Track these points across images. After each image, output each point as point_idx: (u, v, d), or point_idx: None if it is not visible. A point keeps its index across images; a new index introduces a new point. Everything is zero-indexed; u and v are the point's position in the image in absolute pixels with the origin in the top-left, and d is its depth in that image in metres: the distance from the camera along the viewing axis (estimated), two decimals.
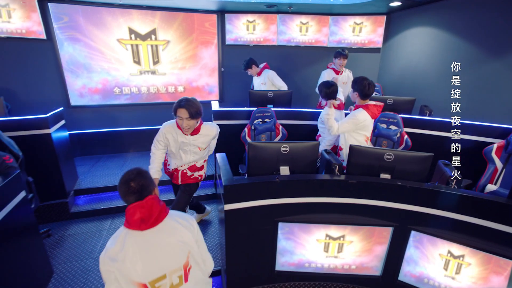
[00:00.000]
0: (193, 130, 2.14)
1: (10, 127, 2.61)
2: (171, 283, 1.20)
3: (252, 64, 3.81)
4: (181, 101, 1.97)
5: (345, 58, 3.67)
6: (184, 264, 1.22)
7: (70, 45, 3.85)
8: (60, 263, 2.42)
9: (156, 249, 1.15)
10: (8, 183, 1.82)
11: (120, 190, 1.17)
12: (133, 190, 1.14)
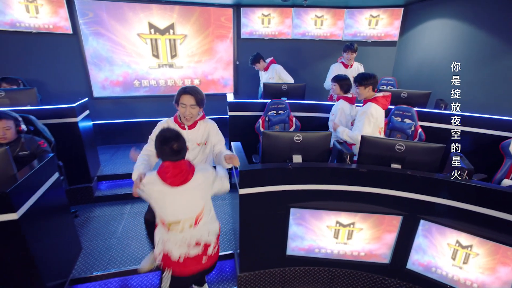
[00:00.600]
0: (192, 123, 1.97)
1: (42, 115, 2.82)
2: (182, 228, 1.47)
3: (259, 58, 3.88)
4: (186, 88, 1.87)
5: (354, 52, 3.70)
6: (197, 215, 1.49)
7: (94, 40, 4.05)
8: (87, 241, 2.62)
9: (176, 201, 1.42)
10: (44, 164, 1.99)
11: (160, 148, 1.35)
12: (173, 152, 1.34)
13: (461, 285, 1.82)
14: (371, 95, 2.53)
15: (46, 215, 1.97)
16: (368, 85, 2.48)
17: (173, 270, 1.54)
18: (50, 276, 1.87)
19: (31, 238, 1.68)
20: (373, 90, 2.53)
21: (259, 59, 3.88)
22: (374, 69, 5.07)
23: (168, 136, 1.36)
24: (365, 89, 2.49)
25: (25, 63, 3.87)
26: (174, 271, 1.55)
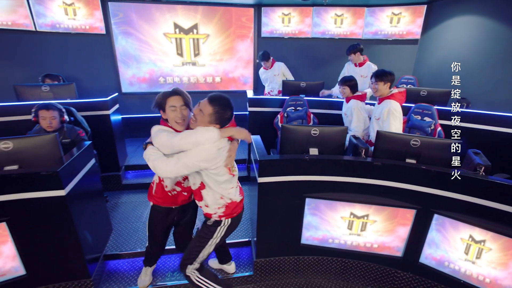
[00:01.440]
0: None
1: (80, 108, 3.09)
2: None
3: (269, 56, 4.00)
4: (173, 90, 1.67)
5: (352, 53, 3.71)
6: None
7: (123, 39, 4.34)
8: (116, 223, 2.86)
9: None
10: (84, 151, 2.22)
11: (226, 112, 1.54)
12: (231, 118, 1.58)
13: (473, 279, 1.84)
14: (388, 92, 2.57)
15: (85, 195, 2.20)
16: (387, 81, 2.53)
17: (237, 212, 1.73)
18: (88, 250, 2.10)
19: (74, 214, 1.91)
20: (390, 87, 2.57)
21: (269, 56, 4.00)
22: (394, 67, 4.99)
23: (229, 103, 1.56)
24: (384, 85, 2.53)
25: (64, 61, 4.22)
26: (237, 212, 1.73)
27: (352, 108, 2.84)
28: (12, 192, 1.71)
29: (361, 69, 3.78)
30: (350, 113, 2.86)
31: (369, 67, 3.80)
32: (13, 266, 1.85)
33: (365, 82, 3.78)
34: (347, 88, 2.86)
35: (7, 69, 4.05)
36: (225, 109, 1.54)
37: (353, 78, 2.89)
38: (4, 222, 1.72)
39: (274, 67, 4.07)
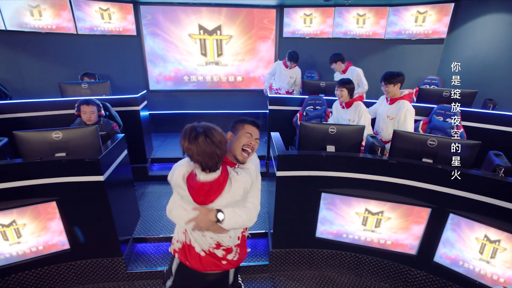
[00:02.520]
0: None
1: (113, 103, 3.36)
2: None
3: (298, 59, 4.04)
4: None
5: (335, 62, 3.95)
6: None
7: (151, 39, 4.62)
8: (143, 210, 3.11)
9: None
10: (118, 143, 2.46)
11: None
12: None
13: (487, 279, 1.85)
14: (399, 93, 2.63)
15: (119, 183, 2.44)
16: (397, 83, 2.59)
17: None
18: (121, 232, 2.33)
19: (110, 198, 2.14)
20: (400, 88, 2.63)
21: (298, 59, 4.06)
22: (417, 67, 4.93)
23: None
24: (394, 87, 2.60)
25: (99, 61, 4.57)
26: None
27: (360, 111, 2.75)
28: (62, 175, 1.96)
29: (346, 75, 3.96)
30: (358, 117, 2.76)
31: (353, 71, 3.95)
32: (60, 240, 2.12)
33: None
34: (345, 91, 2.74)
35: (53, 68, 4.47)
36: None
37: (351, 80, 2.81)
38: (55, 201, 1.98)
39: (294, 70, 4.15)
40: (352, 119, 2.79)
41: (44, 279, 2.21)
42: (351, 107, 2.79)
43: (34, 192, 1.94)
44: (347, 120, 2.83)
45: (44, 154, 2.01)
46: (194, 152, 1.13)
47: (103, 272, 2.32)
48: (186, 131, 1.16)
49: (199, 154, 1.13)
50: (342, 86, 2.77)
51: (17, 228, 1.98)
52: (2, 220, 1.93)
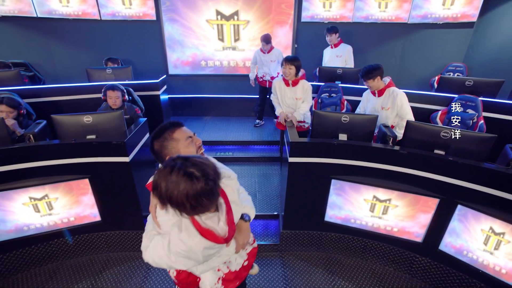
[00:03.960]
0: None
1: (135, 88, 3.54)
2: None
3: (271, 40, 4.05)
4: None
5: (332, 33, 4.05)
6: None
7: (169, 25, 4.69)
8: None
9: None
10: (141, 126, 2.64)
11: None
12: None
13: (490, 269, 1.91)
14: (382, 84, 2.64)
15: (142, 163, 2.63)
16: (375, 77, 2.58)
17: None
18: (144, 207, 2.55)
19: (135, 177, 2.34)
20: (381, 79, 2.63)
21: (270, 40, 4.04)
22: (441, 53, 4.71)
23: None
24: (374, 81, 2.60)
25: (121, 46, 4.74)
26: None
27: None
28: (92, 156, 2.17)
29: (337, 49, 4.17)
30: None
31: (344, 47, 4.14)
32: (91, 212, 2.37)
33: (341, 62, 4.17)
34: (293, 68, 2.80)
35: (79, 53, 4.71)
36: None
37: (298, 58, 2.88)
38: (87, 178, 2.21)
39: (272, 52, 4.11)
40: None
41: (79, 245, 2.51)
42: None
43: (69, 170, 2.17)
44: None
45: (77, 136, 2.22)
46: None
47: (129, 242, 2.59)
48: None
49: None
50: (291, 63, 2.76)
51: (49, 201, 2.23)
52: (34, 194, 2.17)
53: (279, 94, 3.01)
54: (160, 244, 1.04)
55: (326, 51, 4.31)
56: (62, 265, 2.49)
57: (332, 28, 4.04)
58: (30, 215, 2.23)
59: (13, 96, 2.57)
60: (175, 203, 0.90)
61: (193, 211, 0.93)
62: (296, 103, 2.98)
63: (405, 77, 4.95)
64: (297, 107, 2.99)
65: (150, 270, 2.45)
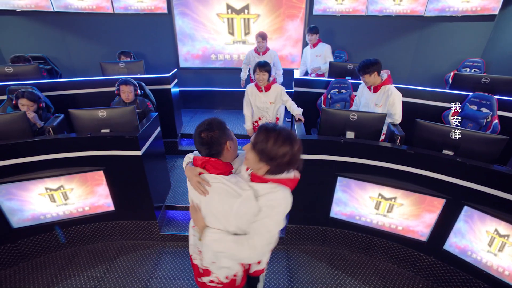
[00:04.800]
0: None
1: (147, 82, 3.61)
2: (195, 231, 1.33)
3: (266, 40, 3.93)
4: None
5: (312, 34, 3.99)
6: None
7: (180, 19, 4.72)
8: (174, 182, 3.45)
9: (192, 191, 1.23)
10: (153, 121, 2.72)
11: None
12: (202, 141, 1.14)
13: (493, 270, 1.91)
14: (379, 80, 2.59)
15: (153, 156, 2.73)
16: (373, 72, 2.53)
17: None
18: (155, 198, 2.66)
19: (147, 169, 2.44)
20: (378, 75, 2.58)
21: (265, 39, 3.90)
22: (458, 48, 4.55)
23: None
24: (371, 76, 2.55)
25: (134, 39, 4.82)
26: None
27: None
28: (106, 149, 2.27)
29: (316, 49, 4.10)
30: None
31: (323, 46, 4.07)
32: (105, 202, 2.50)
33: (320, 60, 4.11)
34: (266, 74, 2.78)
35: (94, 47, 4.83)
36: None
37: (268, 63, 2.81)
38: (102, 170, 2.32)
39: (268, 54, 3.98)
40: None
41: (95, 233, 2.66)
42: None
43: (85, 162, 2.29)
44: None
45: (92, 129, 2.32)
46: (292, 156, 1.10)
47: (141, 231, 2.72)
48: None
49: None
50: (264, 70, 2.75)
51: (64, 192, 2.36)
52: (50, 185, 2.30)
53: (252, 99, 3.04)
54: (246, 245, 1.13)
55: (307, 51, 4.24)
56: (80, 250, 2.65)
57: (314, 28, 3.99)
58: (46, 204, 2.37)
59: (33, 90, 2.69)
60: (275, 158, 1.08)
61: (288, 166, 1.13)
62: (269, 107, 3.01)
63: (419, 72, 4.83)
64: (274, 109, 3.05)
65: (161, 258, 2.57)
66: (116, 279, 2.37)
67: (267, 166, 1.12)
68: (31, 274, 2.42)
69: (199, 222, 1.24)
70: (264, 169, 1.14)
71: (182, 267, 2.49)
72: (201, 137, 1.14)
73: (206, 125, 1.15)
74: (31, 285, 2.32)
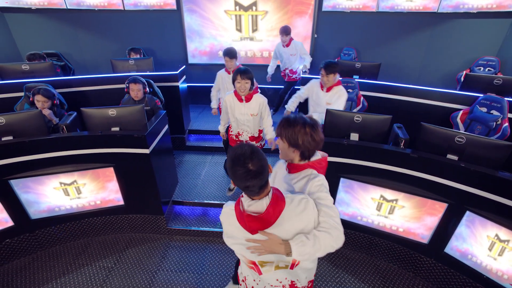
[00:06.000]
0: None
1: (155, 79, 3.69)
2: (277, 265, 1.22)
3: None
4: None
5: (286, 35, 3.91)
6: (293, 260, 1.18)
7: (188, 15, 4.75)
8: (181, 177, 3.55)
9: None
10: (161, 119, 2.79)
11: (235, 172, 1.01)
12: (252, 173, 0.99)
13: (492, 274, 1.92)
14: (334, 81, 2.73)
15: (161, 153, 2.82)
16: (336, 72, 2.67)
17: None
18: (162, 194, 2.76)
19: (154, 166, 2.53)
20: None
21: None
22: (472, 46, 4.43)
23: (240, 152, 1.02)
24: (334, 76, 2.68)
25: (143, 35, 4.89)
26: None
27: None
28: (116, 147, 2.37)
29: (289, 48, 4.04)
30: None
31: (297, 44, 4.03)
32: (116, 197, 2.62)
33: (295, 60, 4.10)
34: (249, 82, 2.45)
35: (105, 43, 4.93)
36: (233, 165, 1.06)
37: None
38: (112, 167, 2.43)
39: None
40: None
41: (106, 225, 2.80)
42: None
43: (96, 159, 2.39)
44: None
45: (102, 127, 2.42)
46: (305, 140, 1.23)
47: (149, 225, 2.83)
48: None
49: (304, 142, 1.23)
50: (246, 77, 2.42)
51: (77, 186, 2.49)
52: (65, 180, 2.43)
53: (231, 110, 2.62)
54: (324, 235, 1.10)
55: (280, 49, 4.12)
56: (92, 241, 2.80)
57: (287, 29, 3.89)
58: (61, 198, 2.50)
59: (48, 88, 2.80)
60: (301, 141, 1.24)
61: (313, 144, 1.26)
62: (250, 119, 2.60)
63: (430, 71, 4.73)
64: (255, 122, 2.65)
65: (168, 251, 2.69)
66: (125, 270, 2.50)
67: (298, 151, 1.27)
68: (48, 262, 2.58)
69: (273, 245, 1.10)
70: (297, 156, 1.30)
71: (188, 260, 2.59)
72: (251, 170, 0.99)
73: (249, 154, 1.00)
74: (48, 273, 2.47)
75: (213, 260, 2.60)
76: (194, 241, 2.81)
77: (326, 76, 2.67)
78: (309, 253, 1.08)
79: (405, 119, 2.79)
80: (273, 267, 1.21)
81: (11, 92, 3.20)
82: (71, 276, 2.44)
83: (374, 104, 3.38)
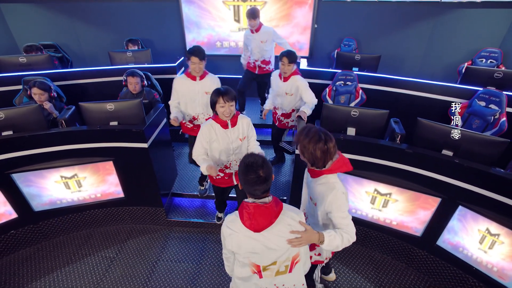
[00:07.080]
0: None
1: (153, 72, 3.66)
2: (278, 270, 1.33)
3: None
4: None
5: (252, 19, 3.46)
6: (293, 256, 1.32)
7: (186, 6, 4.65)
8: (180, 169, 3.58)
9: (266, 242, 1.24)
10: (159, 113, 2.80)
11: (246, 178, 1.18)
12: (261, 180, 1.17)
13: (482, 267, 1.98)
14: (292, 71, 2.77)
15: (160, 146, 2.85)
16: (295, 62, 2.71)
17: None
18: (162, 186, 2.81)
19: (153, 159, 2.56)
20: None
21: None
22: (475, 37, 4.34)
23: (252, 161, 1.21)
24: (294, 65, 2.73)
25: (140, 26, 4.82)
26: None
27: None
28: (115, 141, 2.39)
29: (259, 34, 3.62)
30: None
31: (268, 29, 3.63)
32: (116, 190, 2.67)
33: (267, 46, 3.67)
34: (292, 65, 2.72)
35: (102, 34, 4.87)
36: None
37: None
38: (111, 161, 2.46)
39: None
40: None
41: (107, 217, 2.87)
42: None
43: (96, 153, 2.43)
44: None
45: (100, 121, 2.44)
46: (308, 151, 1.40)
47: (149, 217, 2.90)
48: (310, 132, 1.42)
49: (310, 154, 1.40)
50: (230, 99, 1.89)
51: (78, 180, 2.53)
52: (65, 174, 2.47)
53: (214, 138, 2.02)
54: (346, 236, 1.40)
55: (248, 36, 3.69)
56: (94, 232, 2.87)
57: (255, 11, 3.44)
58: (62, 191, 2.55)
59: (45, 80, 2.80)
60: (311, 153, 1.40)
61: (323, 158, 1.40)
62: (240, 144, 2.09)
63: (431, 62, 4.66)
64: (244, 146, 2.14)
65: (167, 242, 2.76)
66: (127, 260, 2.58)
67: (308, 162, 1.45)
68: (52, 252, 2.66)
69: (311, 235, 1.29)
70: (308, 165, 1.48)
71: (187, 251, 2.67)
72: (261, 176, 1.18)
73: (261, 163, 1.20)
74: (53, 262, 2.56)
75: (212, 250, 2.68)
76: (193, 232, 2.88)
77: (287, 65, 2.70)
78: (337, 245, 1.35)
79: (404, 112, 2.78)
80: (274, 272, 1.35)
81: (9, 85, 3.20)
82: (75, 266, 2.52)
83: (373, 97, 3.36)
